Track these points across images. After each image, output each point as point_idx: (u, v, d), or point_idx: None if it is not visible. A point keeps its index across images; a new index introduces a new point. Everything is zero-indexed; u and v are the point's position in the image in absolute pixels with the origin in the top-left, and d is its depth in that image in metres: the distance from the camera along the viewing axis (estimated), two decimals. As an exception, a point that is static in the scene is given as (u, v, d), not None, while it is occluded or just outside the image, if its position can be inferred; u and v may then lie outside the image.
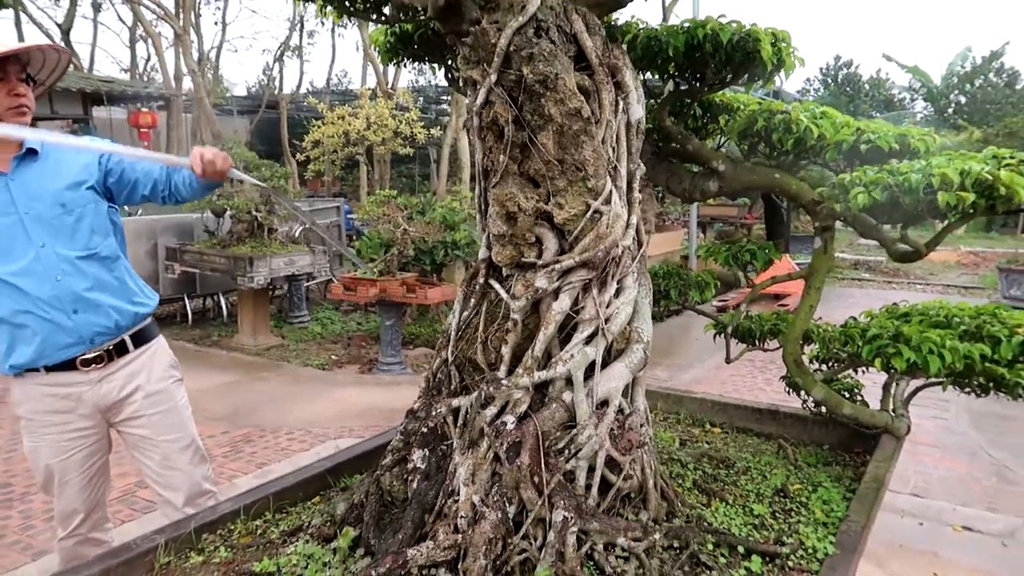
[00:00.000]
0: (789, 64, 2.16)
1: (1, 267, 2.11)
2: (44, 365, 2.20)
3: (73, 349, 2.21)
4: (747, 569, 1.84)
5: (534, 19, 1.73)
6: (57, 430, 2.27)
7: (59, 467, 2.29)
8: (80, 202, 2.22)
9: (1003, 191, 1.89)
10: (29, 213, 2.14)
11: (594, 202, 1.77)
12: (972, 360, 2.14)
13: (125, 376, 2.33)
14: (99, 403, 2.30)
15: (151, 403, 2.38)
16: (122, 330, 2.31)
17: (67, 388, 2.25)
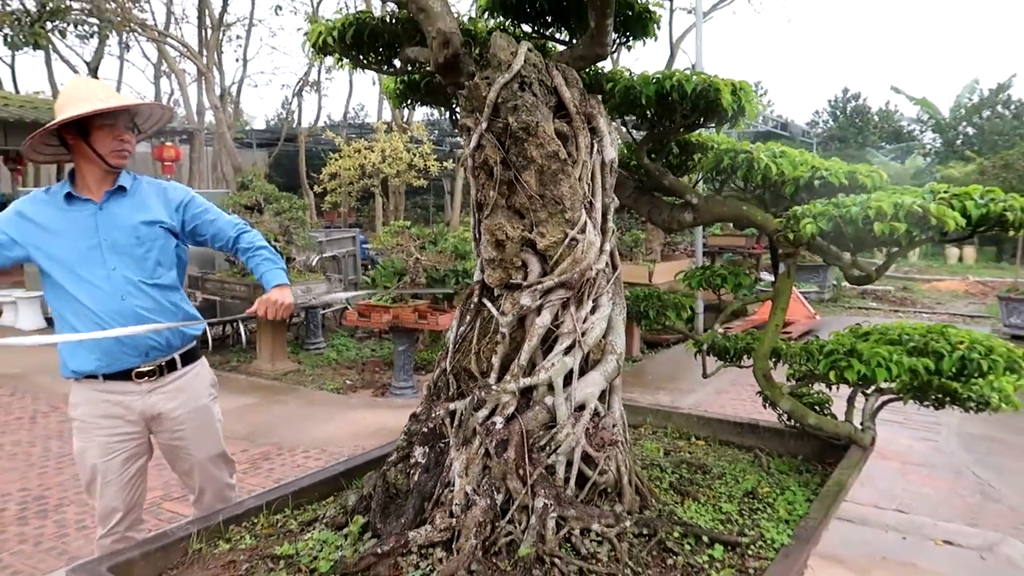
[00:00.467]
0: (750, 111, 2.44)
1: (75, 284, 2.40)
2: (103, 373, 2.48)
3: (130, 361, 2.49)
4: (710, 556, 2.07)
5: (519, 75, 2.03)
6: (106, 433, 2.53)
7: (103, 467, 2.54)
8: (152, 237, 2.53)
9: (933, 221, 2.15)
10: (107, 240, 2.45)
11: (571, 231, 2.05)
12: (918, 372, 2.39)
13: (172, 390, 2.60)
14: (146, 412, 2.57)
15: (192, 417, 2.65)
16: (173, 349, 2.59)
17: (120, 396, 2.52)
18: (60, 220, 2.42)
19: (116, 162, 2.44)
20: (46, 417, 6.08)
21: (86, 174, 2.46)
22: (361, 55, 2.62)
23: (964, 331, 2.57)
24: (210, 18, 14.21)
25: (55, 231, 2.41)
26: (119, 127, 2.43)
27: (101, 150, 2.40)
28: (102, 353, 2.46)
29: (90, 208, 2.45)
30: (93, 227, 2.43)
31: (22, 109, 12.16)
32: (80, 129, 2.38)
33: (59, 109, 2.40)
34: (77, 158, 2.47)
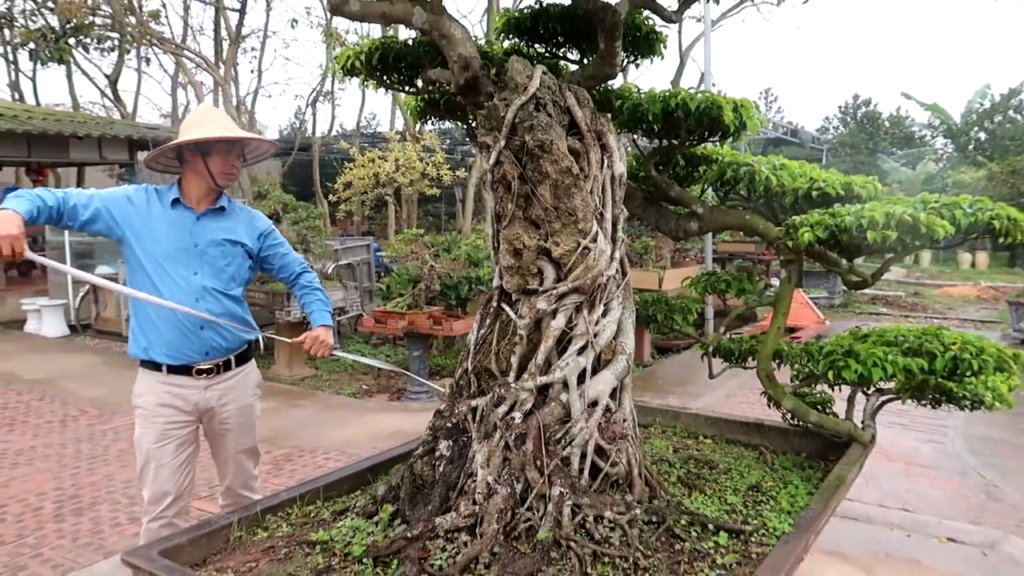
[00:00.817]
0: (751, 126, 2.60)
1: (159, 277, 2.67)
2: (168, 365, 2.72)
3: (193, 358, 2.74)
4: (715, 542, 2.23)
5: (534, 97, 2.20)
6: (163, 420, 2.75)
7: (157, 452, 2.76)
8: (234, 254, 2.81)
9: (924, 230, 2.29)
10: (198, 247, 2.72)
11: (584, 240, 2.21)
12: (912, 372, 2.53)
13: (225, 387, 2.85)
14: (200, 405, 2.80)
15: (238, 412, 2.90)
16: (230, 351, 2.84)
17: (179, 388, 2.75)
18: (161, 220, 2.68)
19: (224, 182, 2.74)
20: (75, 421, 6.28)
21: (192, 187, 2.74)
22: (385, 76, 2.80)
23: (957, 333, 2.72)
24: (228, 32, 14.48)
25: (155, 226, 2.67)
26: (233, 154, 2.74)
27: (214, 170, 2.69)
28: (170, 347, 2.70)
29: (190, 216, 2.72)
30: (188, 233, 2.70)
31: (45, 122, 12.43)
32: (201, 149, 2.67)
33: (185, 129, 2.69)
34: (188, 172, 2.74)
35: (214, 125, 2.66)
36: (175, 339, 2.71)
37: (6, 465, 5.20)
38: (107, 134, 12.95)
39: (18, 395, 7.12)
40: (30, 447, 5.58)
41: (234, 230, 2.80)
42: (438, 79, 2.64)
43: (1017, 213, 2.39)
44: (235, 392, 2.91)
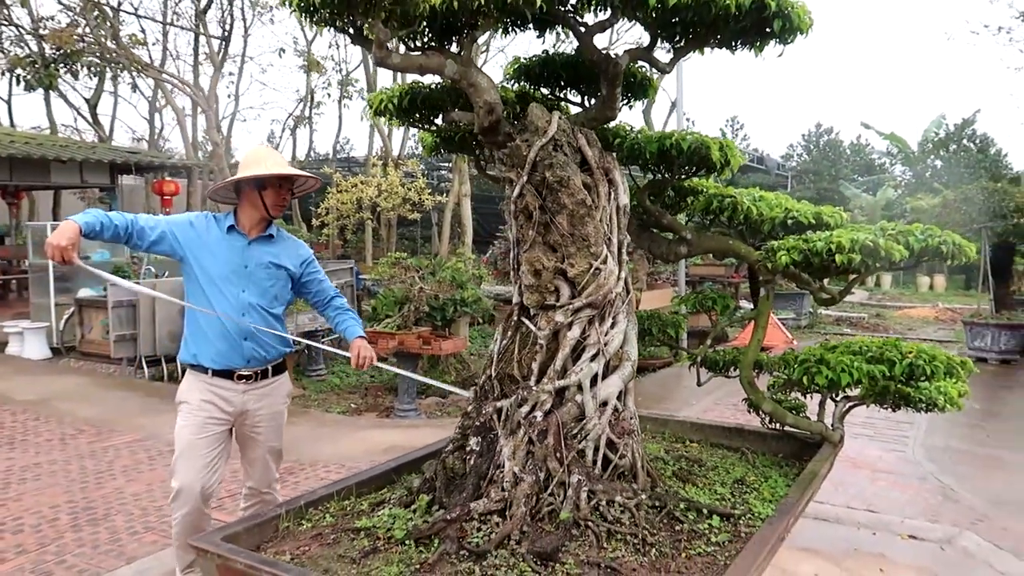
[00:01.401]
0: (735, 163, 2.99)
1: (213, 293, 3.00)
2: (212, 369, 3.04)
3: (236, 363, 3.06)
4: (709, 524, 2.56)
5: (552, 139, 2.55)
6: (204, 415, 3.05)
7: (194, 442, 3.04)
8: (278, 276, 3.15)
9: (883, 253, 2.68)
10: (247, 267, 3.06)
11: (595, 262, 2.56)
12: (875, 377, 2.91)
13: (260, 394, 3.15)
14: (238, 407, 3.10)
15: (270, 417, 3.20)
16: (268, 361, 3.16)
17: (221, 390, 3.07)
18: (219, 242, 3.03)
19: (276, 213, 3.10)
20: (74, 439, 6.43)
21: (246, 217, 3.09)
22: (411, 116, 3.14)
23: (914, 343, 3.11)
24: (211, 58, 14.75)
25: (213, 249, 3.02)
26: (284, 188, 3.10)
27: (268, 202, 3.05)
28: (217, 354, 3.03)
29: (243, 242, 3.06)
30: (240, 257, 3.04)
31: (28, 146, 12.55)
32: (258, 184, 3.01)
33: (245, 165, 3.06)
34: (245, 203, 3.09)
35: (272, 163, 3.03)
36: (223, 347, 3.04)
37: (14, 481, 5.35)
38: (90, 158, 13.10)
39: (13, 415, 7.23)
40: (34, 464, 5.74)
41: (280, 255, 3.14)
42: (459, 120, 2.98)
43: (961, 239, 2.79)
44: (269, 398, 3.21)
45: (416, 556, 2.29)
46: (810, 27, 2.79)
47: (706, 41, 3.01)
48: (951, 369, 2.94)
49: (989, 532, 4.52)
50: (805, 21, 2.73)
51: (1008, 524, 4.64)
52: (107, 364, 9.76)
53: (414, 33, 2.79)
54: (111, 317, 9.28)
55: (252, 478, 3.34)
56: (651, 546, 2.33)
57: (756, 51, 2.99)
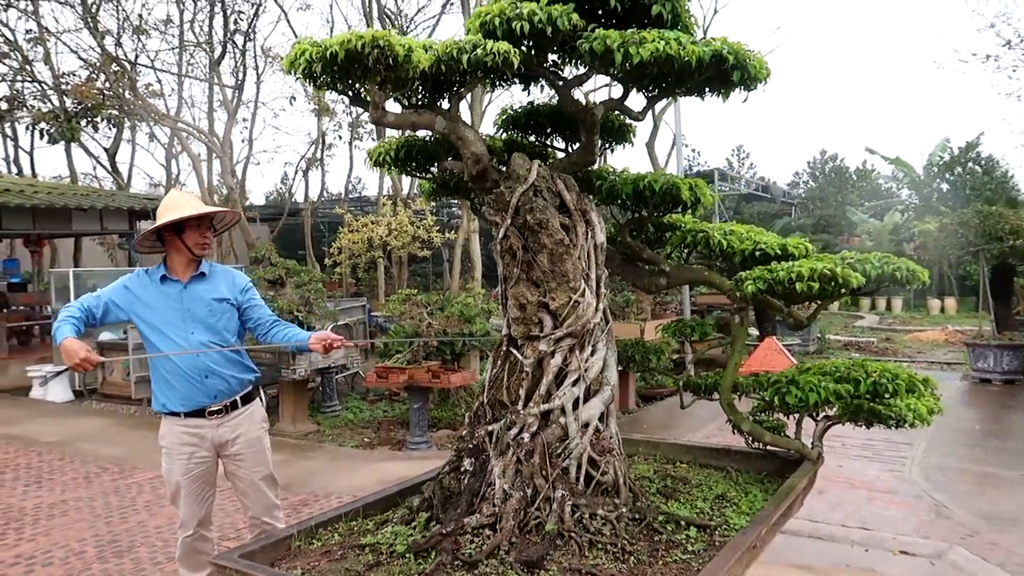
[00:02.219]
0: (705, 201, 3.25)
1: (163, 343, 3.21)
2: (183, 411, 3.27)
3: (203, 401, 3.28)
4: (687, 535, 2.77)
5: (533, 185, 2.82)
6: (186, 457, 3.29)
7: (184, 482, 3.30)
8: (221, 310, 3.34)
9: (841, 280, 2.92)
10: (189, 311, 3.26)
11: (574, 296, 2.81)
12: (841, 395, 3.12)
13: (234, 424, 3.36)
14: (216, 441, 3.33)
15: (248, 444, 3.40)
16: (235, 393, 3.36)
17: (196, 429, 3.29)
18: (155, 295, 3.25)
19: (200, 252, 3.29)
20: (98, 477, 6.70)
21: (175, 262, 3.29)
22: (408, 166, 3.43)
23: (879, 364, 3.32)
24: (225, 108, 15.30)
25: (150, 303, 3.23)
26: (203, 227, 3.29)
27: (190, 243, 3.24)
28: (184, 398, 3.26)
29: (177, 287, 3.27)
30: (179, 301, 3.25)
31: (50, 196, 13.02)
32: (176, 228, 3.22)
33: (160, 214, 3.25)
34: (170, 249, 3.29)
35: (185, 207, 3.22)
36: (187, 390, 3.25)
37: (43, 517, 5.61)
38: (109, 206, 13.56)
39: (39, 456, 7.52)
40: (61, 500, 6.00)
41: (217, 289, 3.33)
42: (452, 168, 3.27)
43: (914, 265, 3.03)
44: (243, 427, 3.41)
45: (415, 568, 2.52)
46: (767, 76, 3.05)
47: (675, 90, 3.29)
48: (912, 386, 3.15)
49: (979, 547, 4.67)
50: (762, 72, 3.00)
51: (997, 539, 4.79)
52: (128, 405, 10.07)
53: (408, 92, 3.08)
54: (132, 359, 9.60)
55: (251, 508, 3.52)
56: (630, 554, 2.54)
57: (723, 97, 3.26)
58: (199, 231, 3.26)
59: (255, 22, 15.67)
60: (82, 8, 13.87)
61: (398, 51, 2.56)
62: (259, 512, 3.51)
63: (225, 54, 15.69)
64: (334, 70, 2.66)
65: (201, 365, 3.25)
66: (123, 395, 10.20)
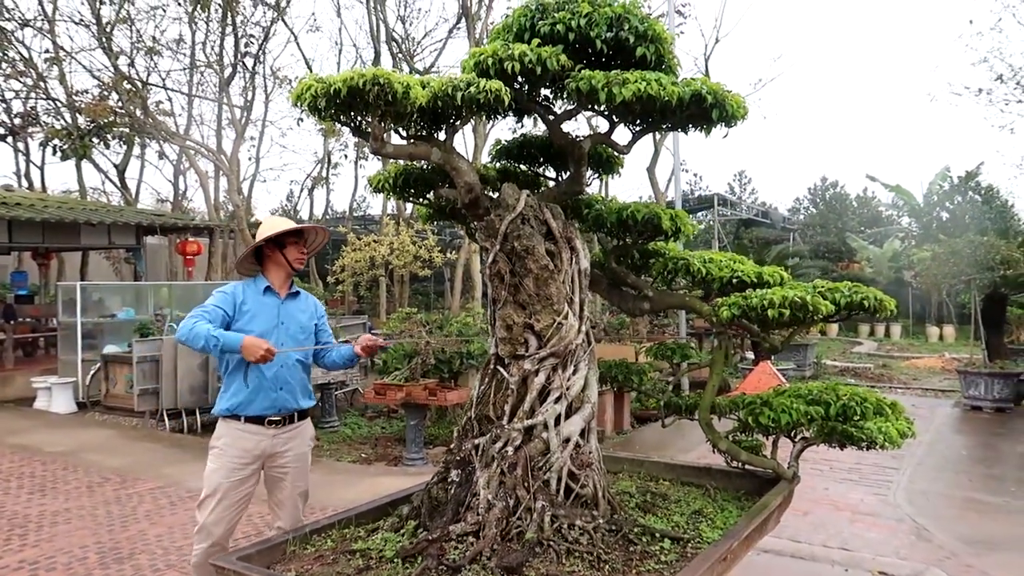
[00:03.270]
0: (686, 230, 3.43)
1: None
2: (246, 415, 3.40)
3: (268, 411, 3.43)
4: (661, 546, 2.93)
5: (521, 214, 3.01)
6: (235, 460, 3.41)
7: (225, 485, 3.39)
8: (307, 331, 3.60)
9: (811, 308, 3.09)
10: (283, 323, 3.49)
11: (558, 318, 2.99)
12: (813, 417, 3.28)
13: (287, 437, 3.52)
14: (267, 451, 3.47)
15: (295, 459, 3.56)
16: (294, 408, 3.53)
17: (253, 436, 3.43)
18: (256, 303, 3.46)
19: (298, 266, 3.56)
20: (101, 487, 6.85)
21: (274, 277, 3.53)
22: (405, 192, 3.63)
23: (850, 387, 3.48)
24: (234, 127, 15.61)
25: (254, 310, 3.44)
26: (300, 244, 3.56)
27: (290, 258, 3.51)
28: (252, 406, 3.40)
29: (277, 300, 3.51)
30: (276, 314, 3.47)
31: (60, 210, 13.28)
32: (279, 244, 3.48)
33: (262, 232, 3.51)
34: (270, 265, 3.53)
35: (283, 224, 3.51)
36: (263, 394, 3.41)
37: (46, 524, 5.76)
38: (118, 221, 13.81)
39: (43, 465, 7.67)
40: (64, 509, 6.14)
41: (307, 311, 3.60)
42: (447, 196, 3.46)
43: (882, 295, 3.20)
44: (294, 441, 3.57)
45: (403, 572, 2.68)
46: (745, 115, 3.25)
47: (659, 126, 3.50)
48: (880, 409, 3.31)
49: (955, 568, 4.80)
50: (740, 111, 3.20)
51: (973, 562, 4.91)
52: (131, 417, 10.22)
53: (406, 124, 3.28)
54: (135, 372, 9.78)
55: (281, 518, 3.62)
56: (605, 563, 2.70)
57: (705, 132, 3.46)
58: (297, 247, 3.53)
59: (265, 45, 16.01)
60: (97, 28, 14.20)
61: (397, 88, 2.76)
62: (287, 524, 3.59)
63: (235, 75, 16.01)
64: (337, 104, 2.86)
65: (280, 377, 3.44)
66: (126, 407, 10.35)
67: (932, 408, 11.12)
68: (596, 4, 3.15)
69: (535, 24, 3.18)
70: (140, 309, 12.96)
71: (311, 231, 3.68)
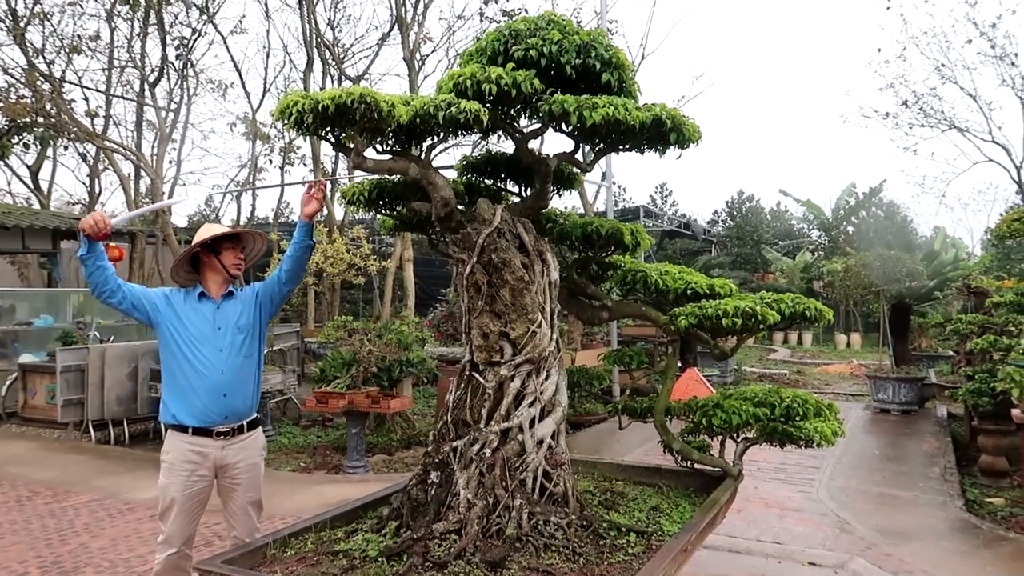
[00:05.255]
0: (644, 244, 3.68)
1: (194, 355, 3.39)
2: (193, 427, 3.40)
3: (215, 420, 3.43)
4: (627, 540, 3.14)
5: (497, 228, 3.18)
6: (187, 473, 3.41)
7: (180, 499, 3.41)
8: (247, 328, 3.54)
9: (760, 317, 3.37)
10: (220, 329, 3.47)
11: (532, 326, 3.17)
12: (760, 417, 3.57)
13: (238, 448, 3.52)
14: (217, 462, 3.47)
15: (247, 469, 3.58)
16: (243, 417, 3.54)
17: (201, 448, 3.43)
18: (191, 311, 3.45)
19: (235, 272, 3.55)
20: (31, 500, 6.61)
21: (210, 283, 3.52)
22: (377, 204, 3.75)
23: (791, 390, 3.79)
24: (159, 131, 15.16)
25: (186, 317, 3.44)
26: (236, 249, 3.56)
27: (226, 263, 3.51)
28: (200, 412, 3.41)
29: (212, 305, 3.49)
30: (212, 319, 3.47)
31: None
32: (214, 250, 3.48)
33: (197, 237, 3.51)
34: (207, 271, 3.52)
35: (218, 229, 3.54)
36: (207, 403, 3.40)
37: (-22, 540, 5.55)
38: (34, 224, 13.24)
39: (-37, 480, 7.33)
40: (-5, 524, 5.92)
41: (245, 311, 3.54)
42: (420, 209, 3.60)
43: (820, 305, 3.52)
44: (246, 452, 3.58)
45: (389, 570, 2.80)
46: (700, 138, 3.51)
47: (618, 146, 3.73)
48: (819, 411, 3.62)
49: (876, 558, 5.20)
50: (695, 135, 3.45)
51: (891, 551, 5.34)
52: (52, 429, 9.83)
53: (383, 139, 3.41)
54: (59, 382, 9.42)
55: (235, 528, 3.66)
56: (579, 556, 2.89)
57: (660, 153, 3.71)
58: (234, 252, 3.54)
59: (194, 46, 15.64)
60: (12, 22, 13.60)
61: (382, 106, 2.89)
62: (243, 534, 3.62)
63: (162, 77, 15.57)
64: (320, 120, 2.96)
65: (222, 383, 3.42)
66: (47, 418, 9.95)
67: (845, 411, 11.80)
68: (566, 32, 3.36)
69: (508, 48, 3.37)
70: (58, 317, 12.45)
71: (248, 236, 3.68)
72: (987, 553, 5.40)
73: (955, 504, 6.59)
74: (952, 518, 6.22)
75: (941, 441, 9.41)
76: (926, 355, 14.71)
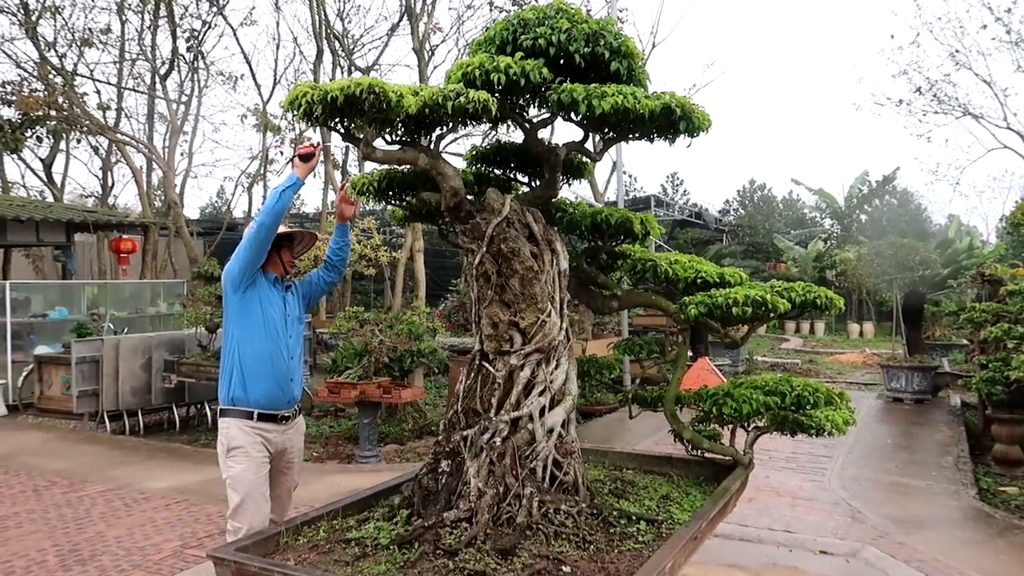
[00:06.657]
0: (654, 234, 3.67)
1: (270, 343, 3.46)
2: (258, 412, 3.45)
3: (280, 405, 3.53)
4: (637, 528, 3.14)
5: (506, 218, 3.19)
6: (259, 457, 3.47)
7: (256, 483, 3.44)
8: (302, 320, 3.72)
9: (771, 306, 3.36)
10: (291, 316, 3.60)
11: (542, 316, 3.18)
12: (770, 406, 3.56)
13: (293, 432, 3.66)
14: (278, 446, 3.56)
15: (296, 452, 3.71)
16: (297, 402, 3.65)
17: (266, 433, 3.49)
18: (275, 296, 3.56)
19: (291, 269, 3.72)
20: (48, 490, 6.70)
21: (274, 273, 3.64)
22: (387, 194, 3.75)
23: (802, 379, 3.78)
24: (171, 123, 15.22)
25: (271, 303, 3.53)
26: (292, 246, 3.75)
27: (285, 260, 3.68)
28: (270, 397, 3.47)
29: (281, 293, 3.61)
30: (282, 306, 3.58)
31: (-15, 205, 12.74)
32: (277, 245, 3.56)
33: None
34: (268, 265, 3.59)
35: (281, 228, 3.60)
36: (279, 388, 3.50)
37: (-4, 528, 5.63)
38: (48, 217, 13.34)
39: (-20, 470, 7.43)
40: (13, 513, 6.00)
41: (299, 304, 3.72)
42: (429, 200, 3.60)
43: (832, 294, 3.50)
44: (298, 435, 3.73)
45: (400, 557, 2.82)
46: (709, 127, 3.50)
47: (628, 135, 3.71)
48: (830, 399, 3.61)
49: (887, 546, 5.20)
50: (704, 123, 3.44)
51: (903, 540, 5.33)
52: (67, 420, 9.94)
53: (392, 130, 3.41)
54: (74, 373, 9.53)
55: (275, 512, 3.67)
56: (590, 543, 2.90)
57: (670, 142, 3.69)
58: (290, 250, 3.76)
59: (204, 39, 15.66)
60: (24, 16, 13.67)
61: (391, 97, 2.89)
62: (280, 516, 3.68)
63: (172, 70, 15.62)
64: (329, 111, 2.97)
65: (290, 369, 3.55)
66: (62, 409, 10.06)
67: (857, 400, 11.76)
68: (574, 21, 3.35)
69: (517, 38, 3.36)
70: (73, 309, 12.56)
71: (298, 235, 3.83)
72: (1000, 542, 5.39)
73: (968, 493, 6.57)
74: (965, 507, 6.20)
75: (954, 430, 9.36)
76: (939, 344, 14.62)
